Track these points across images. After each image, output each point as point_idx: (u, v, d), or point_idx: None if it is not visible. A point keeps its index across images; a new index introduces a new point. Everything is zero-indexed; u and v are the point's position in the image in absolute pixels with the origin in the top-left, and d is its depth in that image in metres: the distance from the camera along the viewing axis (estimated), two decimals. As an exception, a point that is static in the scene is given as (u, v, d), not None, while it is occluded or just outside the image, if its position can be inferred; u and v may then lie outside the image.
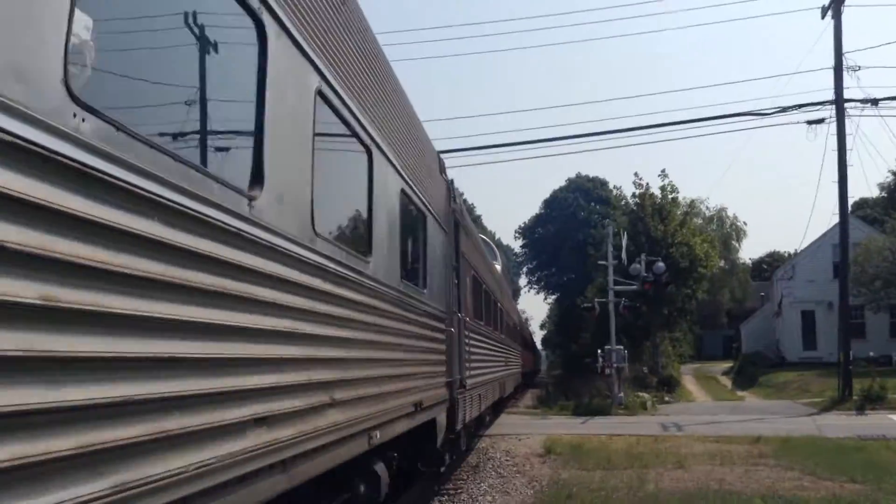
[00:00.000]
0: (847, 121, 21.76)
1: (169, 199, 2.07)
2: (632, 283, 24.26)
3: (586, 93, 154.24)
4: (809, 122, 21.88)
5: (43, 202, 1.58)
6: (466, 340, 8.87)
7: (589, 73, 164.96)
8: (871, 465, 10.36)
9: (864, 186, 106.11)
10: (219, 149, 2.77)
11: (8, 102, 1.50)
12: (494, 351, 13.84)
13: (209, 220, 2.30)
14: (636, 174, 32.25)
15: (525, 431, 15.78)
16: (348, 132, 4.05)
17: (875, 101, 21.41)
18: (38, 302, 1.57)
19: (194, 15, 2.38)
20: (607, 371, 22.88)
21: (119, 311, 1.85)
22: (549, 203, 59.34)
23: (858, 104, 21.78)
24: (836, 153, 21.88)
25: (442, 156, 8.47)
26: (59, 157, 1.63)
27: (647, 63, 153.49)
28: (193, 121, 2.53)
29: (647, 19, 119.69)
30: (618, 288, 24.34)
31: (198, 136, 2.56)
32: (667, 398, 25.81)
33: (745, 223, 54.79)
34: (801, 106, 21.58)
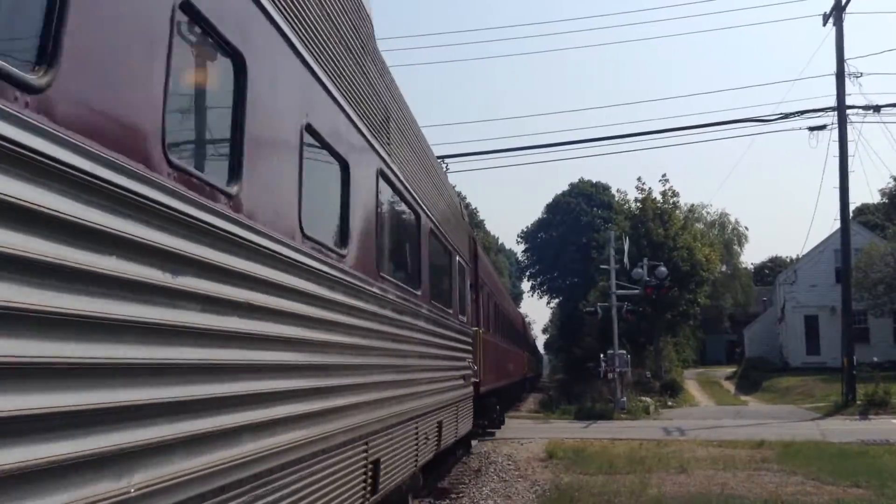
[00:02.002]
0: (849, 127, 21.80)
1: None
2: (634, 288, 24.24)
3: (589, 98, 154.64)
4: (811, 129, 21.93)
5: None
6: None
7: (592, 78, 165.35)
8: (875, 469, 10.34)
9: (865, 192, 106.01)
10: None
11: None
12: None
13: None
14: (639, 179, 32.36)
15: (527, 436, 15.77)
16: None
17: (877, 108, 21.44)
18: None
19: None
20: (610, 375, 22.85)
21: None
22: (551, 207, 59.38)
23: (860, 110, 21.84)
24: (837, 159, 21.92)
25: (445, 160, 9.25)
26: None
27: (650, 69, 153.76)
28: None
29: (649, 25, 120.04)
30: (620, 292, 24.32)
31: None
32: (670, 403, 25.76)
33: (746, 228, 54.82)
34: (802, 112, 21.63)
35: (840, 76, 21.82)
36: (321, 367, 3.65)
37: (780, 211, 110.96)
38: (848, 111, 21.76)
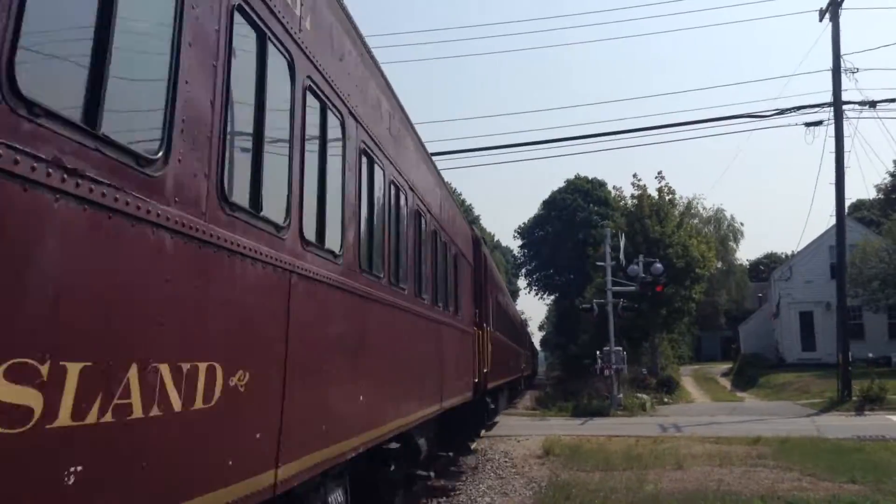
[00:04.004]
0: (845, 123, 21.81)
1: None
2: (630, 284, 24.25)
3: (587, 94, 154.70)
4: (807, 125, 21.91)
5: None
6: None
7: (590, 74, 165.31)
8: (871, 465, 10.36)
9: (861, 188, 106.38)
10: None
11: None
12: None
13: None
14: (635, 175, 32.31)
15: (524, 433, 15.76)
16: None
17: (873, 104, 21.42)
18: None
19: None
20: (606, 372, 22.86)
21: None
22: (548, 204, 59.33)
23: (856, 106, 21.83)
24: (833, 155, 21.93)
25: (443, 157, 8.27)
26: None
27: (647, 65, 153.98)
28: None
29: (647, 21, 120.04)
30: (616, 289, 24.32)
31: None
32: (666, 399, 25.80)
33: (742, 224, 54.96)
34: (799, 108, 21.62)
35: (836, 72, 21.83)
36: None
37: (775, 207, 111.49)
38: (844, 107, 21.77)
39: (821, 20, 22.56)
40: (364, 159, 5.22)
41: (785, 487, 9.00)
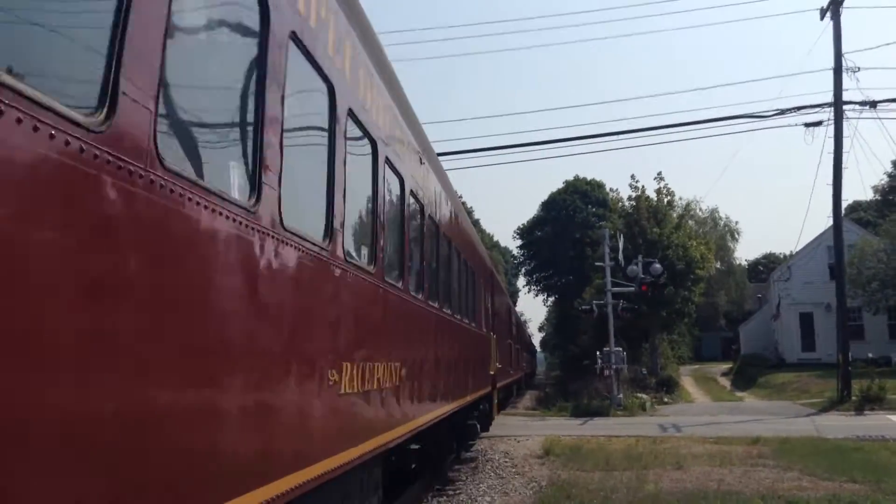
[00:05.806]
0: (844, 123, 21.71)
1: None
2: (629, 285, 24.26)
3: (586, 96, 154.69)
4: (807, 125, 21.81)
5: None
6: None
7: (589, 76, 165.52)
8: (871, 465, 10.37)
9: (858, 189, 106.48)
10: None
11: None
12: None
13: None
14: (632, 177, 32.29)
15: (524, 433, 15.76)
16: None
17: (874, 104, 21.29)
18: None
19: None
20: (606, 372, 22.88)
21: None
22: (547, 205, 59.36)
23: (857, 106, 21.70)
24: (832, 155, 21.84)
25: (442, 158, 8.97)
26: None
27: (646, 66, 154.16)
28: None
29: (645, 21, 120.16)
30: (616, 290, 24.33)
31: None
32: (666, 399, 25.81)
33: (737, 223, 55.01)
34: (799, 108, 21.51)
35: (837, 71, 21.71)
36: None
37: (774, 207, 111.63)
38: (844, 107, 21.68)
39: (822, 19, 22.48)
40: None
41: (785, 487, 9.01)
